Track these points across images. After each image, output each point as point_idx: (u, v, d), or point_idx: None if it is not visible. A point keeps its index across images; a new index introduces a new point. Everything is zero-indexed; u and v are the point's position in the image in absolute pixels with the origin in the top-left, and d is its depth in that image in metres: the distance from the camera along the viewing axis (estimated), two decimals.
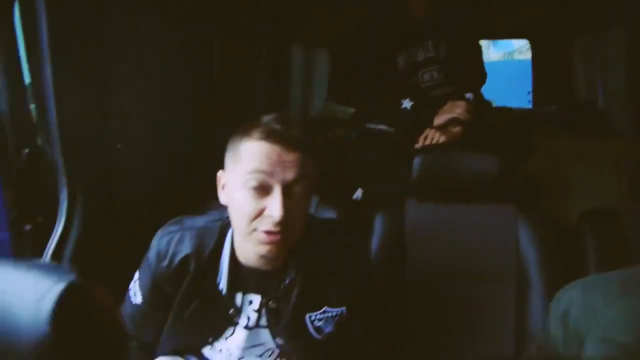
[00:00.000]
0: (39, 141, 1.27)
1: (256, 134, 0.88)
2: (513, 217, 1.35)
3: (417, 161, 1.35)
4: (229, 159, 0.93)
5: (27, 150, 1.19)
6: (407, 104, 1.77)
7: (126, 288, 1.05)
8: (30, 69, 1.18)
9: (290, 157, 0.88)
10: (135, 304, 1.01)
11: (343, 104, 2.76)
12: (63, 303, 0.49)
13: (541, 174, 1.74)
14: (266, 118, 0.91)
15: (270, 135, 0.87)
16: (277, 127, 0.88)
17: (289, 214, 0.87)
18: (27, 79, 1.19)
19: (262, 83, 2.30)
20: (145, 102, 1.43)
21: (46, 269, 0.54)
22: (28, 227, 1.25)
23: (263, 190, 0.87)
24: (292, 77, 2.71)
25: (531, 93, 2.79)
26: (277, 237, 0.88)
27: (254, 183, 0.87)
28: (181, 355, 1.12)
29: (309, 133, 0.95)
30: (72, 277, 0.52)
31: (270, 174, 0.87)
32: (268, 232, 0.88)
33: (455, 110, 1.71)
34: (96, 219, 1.27)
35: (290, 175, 0.88)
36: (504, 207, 1.37)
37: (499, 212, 1.37)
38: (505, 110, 2.30)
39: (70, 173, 1.20)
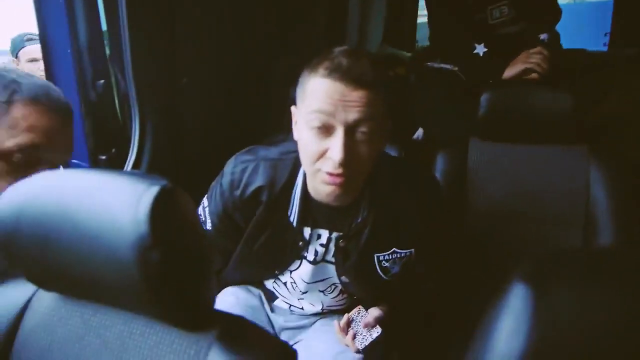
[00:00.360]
0: (112, 75, 1.34)
1: (321, 69, 0.83)
2: (585, 159, 1.28)
3: (484, 97, 1.30)
4: (298, 95, 0.90)
5: (102, 82, 1.26)
6: (480, 49, 1.66)
7: None
8: (107, 10, 1.23)
9: (354, 96, 0.81)
10: (205, 230, 1.03)
11: (397, 47, 2.66)
12: (159, 203, 0.52)
13: (619, 116, 1.63)
14: (335, 52, 0.85)
15: (333, 72, 0.81)
16: (343, 62, 0.81)
17: (352, 157, 0.83)
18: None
19: (319, 24, 2.25)
20: (209, 37, 1.44)
21: (140, 175, 0.57)
22: (103, 157, 1.33)
23: (326, 130, 0.83)
24: (349, 19, 2.62)
25: (608, 34, 2.57)
26: (340, 179, 0.85)
27: (316, 123, 0.83)
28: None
29: (381, 70, 0.85)
30: (164, 181, 0.55)
31: (332, 114, 0.81)
32: (330, 174, 0.85)
33: (530, 61, 1.53)
34: (164, 149, 1.33)
35: (353, 115, 0.81)
36: (576, 148, 1.31)
37: (570, 153, 1.31)
38: (578, 52, 2.14)
39: (142, 104, 1.26)
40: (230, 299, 1.13)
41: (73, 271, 0.58)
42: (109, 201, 0.55)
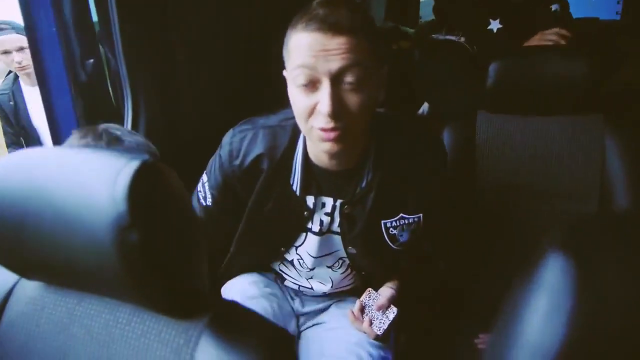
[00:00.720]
0: (103, 53, 1.28)
1: (299, 24, 0.78)
2: (600, 128, 1.22)
3: (492, 67, 1.22)
4: (284, 56, 0.85)
5: (91, 61, 1.20)
6: (494, 25, 1.59)
7: None
8: None
9: (334, 43, 0.76)
10: (205, 206, 1.01)
11: (400, 24, 2.59)
12: (138, 179, 0.48)
13: (635, 84, 1.56)
14: (313, 4, 0.79)
15: (310, 23, 0.76)
16: (319, 12, 0.77)
17: (342, 108, 0.79)
18: None
19: None
20: (205, 12, 1.38)
21: (121, 151, 0.53)
22: None
23: (313, 85, 0.79)
24: None
25: (621, 2, 2.48)
26: (334, 133, 0.80)
27: (301, 79, 0.79)
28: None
29: (363, 14, 0.80)
30: (145, 156, 0.50)
31: (315, 66, 0.77)
32: (323, 129, 0.80)
33: (545, 42, 1.44)
34: (159, 131, 1.28)
35: (335, 64, 0.76)
36: (590, 117, 1.24)
37: (584, 123, 1.24)
38: (590, 21, 2.05)
39: (134, 83, 1.20)
40: (252, 289, 1.08)
41: (51, 257, 0.53)
42: (86, 179, 0.50)
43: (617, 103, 1.50)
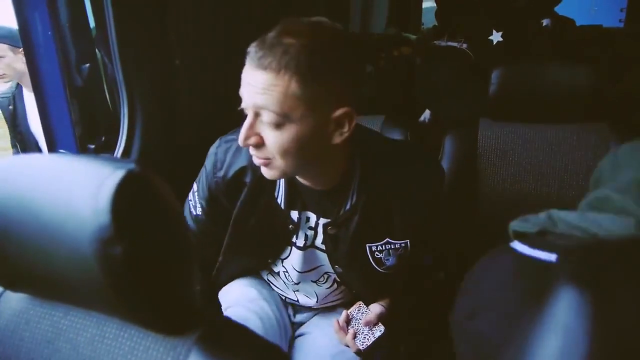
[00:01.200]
0: (100, 58, 1.26)
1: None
2: (605, 137, 1.19)
3: (495, 75, 1.20)
4: None
5: (87, 65, 1.18)
6: (495, 36, 1.58)
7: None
8: None
9: (254, 79, 0.73)
10: (196, 216, 0.99)
11: (402, 30, 2.58)
12: (123, 189, 0.45)
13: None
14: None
15: (249, 53, 0.74)
16: (257, 44, 0.73)
17: (261, 142, 0.76)
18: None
19: (319, 6, 2.16)
20: (204, 16, 1.36)
21: (107, 159, 0.51)
22: (92, 146, 1.26)
23: (247, 111, 0.78)
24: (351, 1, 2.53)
25: (624, 10, 2.47)
26: (259, 160, 0.79)
27: (242, 104, 0.78)
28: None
29: (308, 56, 0.71)
30: (131, 165, 0.48)
31: (244, 96, 0.76)
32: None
33: None
34: (156, 136, 1.26)
35: (252, 99, 0.74)
36: (595, 126, 1.22)
37: (589, 131, 1.22)
38: (593, 28, 2.04)
39: (130, 88, 1.18)
40: (251, 292, 1.07)
41: (35, 268, 0.51)
42: (69, 189, 0.48)
43: (622, 110, 1.47)
